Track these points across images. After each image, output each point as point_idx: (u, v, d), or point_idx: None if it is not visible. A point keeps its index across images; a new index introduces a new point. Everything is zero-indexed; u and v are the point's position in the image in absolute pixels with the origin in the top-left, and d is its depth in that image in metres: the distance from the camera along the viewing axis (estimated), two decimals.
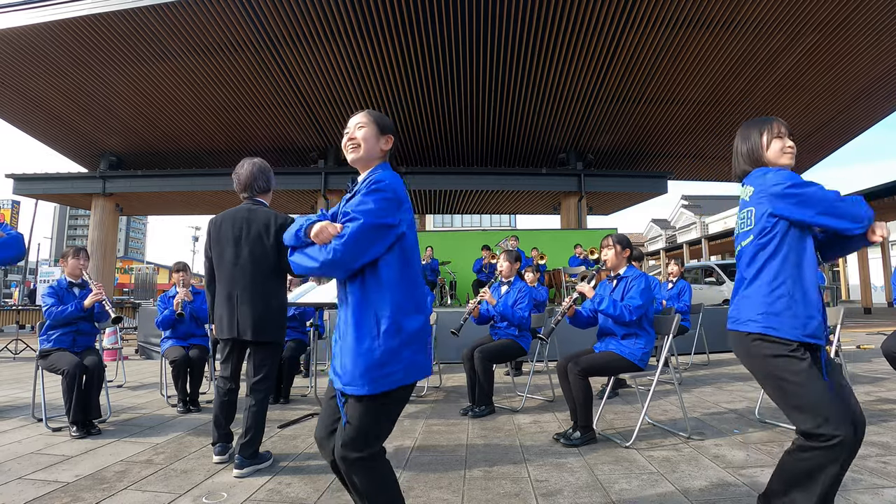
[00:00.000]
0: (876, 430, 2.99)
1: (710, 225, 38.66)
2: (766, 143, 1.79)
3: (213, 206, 16.75)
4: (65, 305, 3.49)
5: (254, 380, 2.65)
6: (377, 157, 1.64)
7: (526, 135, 14.34)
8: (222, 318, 2.68)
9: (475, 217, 50.62)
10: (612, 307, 2.98)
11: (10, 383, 5.49)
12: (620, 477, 2.35)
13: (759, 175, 1.75)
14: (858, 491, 2.09)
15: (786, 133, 1.78)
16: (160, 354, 4.41)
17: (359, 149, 1.62)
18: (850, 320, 12.06)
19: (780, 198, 1.64)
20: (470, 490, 2.24)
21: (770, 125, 1.81)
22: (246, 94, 11.96)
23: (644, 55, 10.39)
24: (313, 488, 2.30)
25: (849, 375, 3.79)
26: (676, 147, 15.14)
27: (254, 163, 2.87)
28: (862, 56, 10.36)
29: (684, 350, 6.19)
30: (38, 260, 37.73)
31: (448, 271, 10.62)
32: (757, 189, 1.72)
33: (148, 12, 9.04)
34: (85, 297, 3.57)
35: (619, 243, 3.19)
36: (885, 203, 16.66)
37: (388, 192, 1.49)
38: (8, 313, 9.75)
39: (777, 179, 1.66)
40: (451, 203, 18.58)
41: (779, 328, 1.64)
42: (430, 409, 3.99)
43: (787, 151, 1.78)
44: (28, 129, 14.02)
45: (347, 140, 1.64)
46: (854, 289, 24.34)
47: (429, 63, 10.78)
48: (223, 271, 2.71)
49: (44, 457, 2.80)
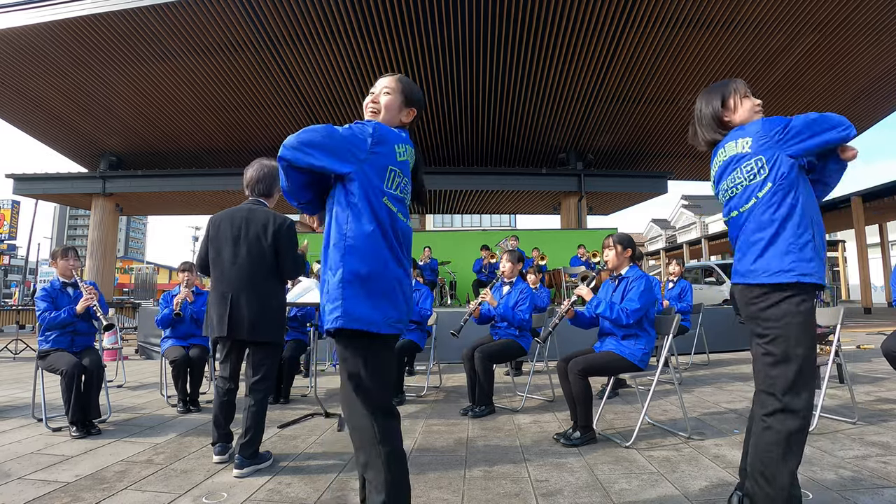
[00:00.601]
0: (876, 430, 2.99)
1: (710, 225, 38.66)
2: (735, 105, 1.81)
3: (213, 206, 16.75)
4: (58, 311, 3.45)
5: (253, 380, 2.65)
6: (395, 126, 1.62)
7: (526, 135, 14.34)
8: (213, 317, 2.68)
9: (475, 217, 50.64)
10: (609, 310, 2.97)
11: (10, 383, 5.49)
12: (620, 477, 2.35)
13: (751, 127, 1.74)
14: (858, 491, 2.09)
15: (749, 92, 1.82)
16: (160, 354, 4.41)
17: (377, 114, 1.60)
18: (850, 320, 12.06)
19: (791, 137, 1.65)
20: (470, 490, 2.23)
21: (735, 85, 1.83)
22: (246, 94, 11.97)
23: (644, 55, 10.39)
24: (313, 488, 2.30)
25: (849, 375, 3.79)
26: (676, 147, 15.14)
27: (262, 165, 2.86)
28: (862, 56, 10.36)
29: (684, 350, 6.19)
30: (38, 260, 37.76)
31: (448, 271, 10.62)
32: (756, 138, 1.71)
33: (148, 12, 9.04)
34: (78, 299, 3.53)
35: (619, 243, 3.17)
36: (885, 203, 16.67)
37: (367, 126, 1.52)
38: (8, 313, 9.76)
39: (773, 126, 1.68)
40: (451, 203, 18.59)
41: (812, 273, 1.63)
42: (430, 409, 3.99)
43: (757, 110, 1.81)
44: (28, 129, 14.03)
45: (370, 101, 1.62)
46: (854, 289, 24.35)
47: (429, 63, 10.78)
48: (220, 271, 2.70)
49: (44, 457, 2.80)
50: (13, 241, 34.78)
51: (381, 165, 1.52)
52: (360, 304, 1.47)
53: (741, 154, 1.75)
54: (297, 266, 2.78)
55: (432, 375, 5.09)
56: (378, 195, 1.51)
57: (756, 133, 1.71)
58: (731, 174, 1.78)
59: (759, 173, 1.70)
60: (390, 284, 1.53)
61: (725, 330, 7.04)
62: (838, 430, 3.02)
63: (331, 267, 1.51)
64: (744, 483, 1.76)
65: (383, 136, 1.53)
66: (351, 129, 1.51)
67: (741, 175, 1.75)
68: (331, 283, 1.50)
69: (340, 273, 1.48)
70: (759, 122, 1.73)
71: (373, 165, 1.51)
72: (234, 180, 13.56)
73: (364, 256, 1.49)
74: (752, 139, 1.71)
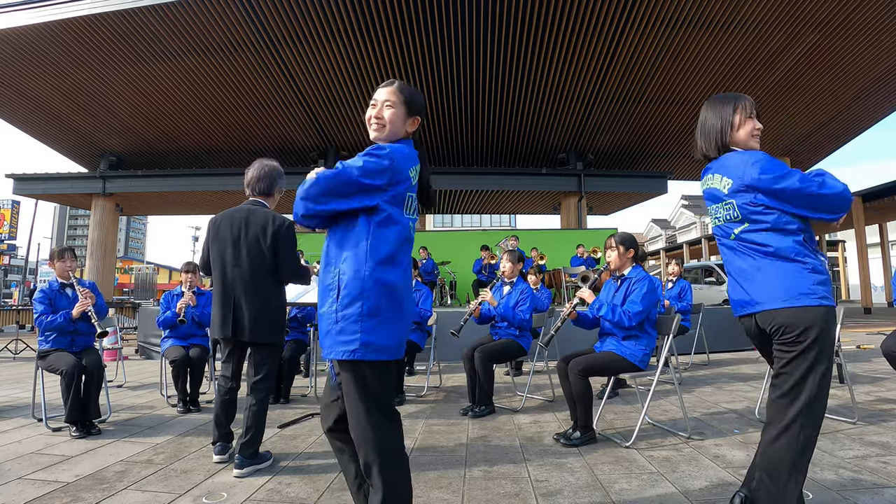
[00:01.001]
0: (876, 430, 2.99)
1: (710, 225, 38.61)
2: (739, 123, 1.76)
3: (213, 206, 16.76)
4: (54, 315, 3.45)
5: (254, 379, 2.65)
6: (400, 137, 1.60)
7: (526, 135, 14.35)
8: (215, 318, 2.68)
9: (475, 217, 50.67)
10: (611, 313, 2.95)
11: (10, 383, 5.49)
12: (620, 477, 2.35)
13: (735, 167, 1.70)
14: (858, 491, 2.09)
15: (755, 113, 1.77)
16: (160, 354, 4.41)
17: (383, 129, 1.57)
18: (850, 320, 12.06)
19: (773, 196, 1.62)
20: (470, 490, 2.23)
21: (743, 103, 1.77)
22: (246, 94, 11.97)
23: (644, 55, 10.39)
24: (313, 488, 2.30)
25: (849, 375, 3.79)
26: (676, 147, 15.15)
27: (263, 165, 2.85)
28: (862, 56, 10.36)
29: (684, 350, 6.19)
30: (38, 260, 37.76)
31: (448, 271, 10.62)
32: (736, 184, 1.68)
33: (148, 12, 9.04)
34: (76, 300, 3.51)
35: (622, 244, 3.14)
36: (885, 203, 16.68)
37: (384, 160, 1.47)
38: (8, 313, 9.78)
39: (760, 183, 1.62)
40: (451, 203, 18.59)
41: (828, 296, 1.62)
42: (430, 409, 3.99)
43: (755, 134, 1.76)
44: (28, 129, 14.03)
45: (373, 117, 1.58)
46: (854, 289, 24.35)
47: (429, 63, 10.78)
48: (221, 272, 2.70)
49: (44, 457, 2.80)
50: (13, 241, 34.79)
51: (402, 194, 1.52)
52: (382, 334, 1.46)
53: (721, 192, 1.74)
54: (296, 268, 2.77)
55: (432, 375, 5.09)
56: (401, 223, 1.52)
57: (738, 177, 1.67)
58: (713, 204, 1.80)
59: (734, 217, 1.72)
60: (407, 311, 1.55)
61: (725, 330, 7.04)
62: (838, 430, 3.02)
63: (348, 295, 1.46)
64: (747, 483, 1.76)
65: (400, 166, 1.50)
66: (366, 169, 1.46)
67: (721, 211, 1.77)
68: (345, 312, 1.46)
69: (360, 305, 1.45)
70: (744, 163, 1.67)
71: (395, 197, 1.50)
72: (234, 180, 13.57)
73: (387, 287, 1.47)
74: (733, 182, 1.69)
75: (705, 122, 1.83)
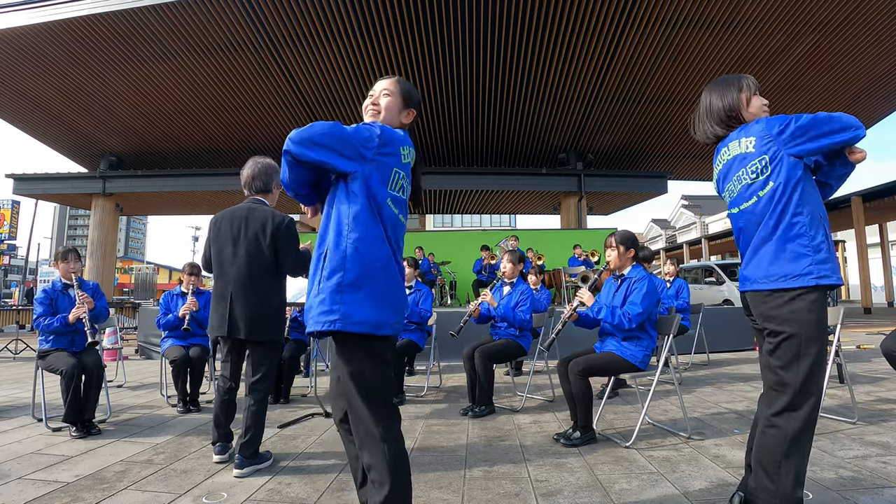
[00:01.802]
0: (876, 430, 2.99)
1: (710, 225, 38.67)
2: (747, 100, 1.79)
3: (213, 206, 16.76)
4: (52, 318, 3.44)
5: (252, 379, 2.64)
6: (395, 127, 1.63)
7: (526, 135, 14.35)
8: (214, 317, 2.69)
9: (475, 217, 50.64)
10: (611, 315, 2.93)
11: (10, 383, 5.49)
12: (620, 477, 2.35)
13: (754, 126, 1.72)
14: (858, 491, 2.09)
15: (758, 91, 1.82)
16: (160, 354, 4.41)
17: (378, 115, 1.62)
18: (850, 320, 12.06)
19: (794, 136, 1.63)
20: (470, 490, 2.23)
21: (747, 82, 1.80)
22: (246, 94, 11.97)
23: (644, 55, 10.39)
24: (313, 488, 2.30)
25: (849, 375, 3.79)
26: (676, 147, 15.14)
27: (256, 163, 2.87)
28: (862, 56, 10.36)
29: (684, 350, 6.19)
30: (38, 260, 37.79)
31: (448, 271, 10.62)
32: (760, 137, 1.69)
33: (148, 12, 9.04)
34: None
35: (622, 244, 3.10)
36: (885, 203, 16.67)
37: (375, 128, 1.52)
38: (8, 313, 9.78)
39: (777, 124, 1.65)
40: (451, 203, 18.59)
41: (829, 275, 1.62)
42: (430, 409, 3.99)
43: (765, 110, 1.80)
44: (28, 129, 14.03)
45: (370, 103, 1.64)
46: (854, 289, 24.32)
47: (429, 63, 10.78)
48: (221, 270, 2.71)
49: (44, 457, 2.80)
50: (13, 241, 34.83)
51: (388, 167, 1.53)
52: (362, 307, 1.46)
53: (745, 154, 1.73)
54: (301, 262, 2.77)
55: (432, 375, 5.09)
56: (383, 197, 1.52)
57: (759, 132, 1.69)
58: (736, 173, 1.77)
59: (762, 172, 1.68)
60: (392, 287, 1.53)
61: (725, 330, 7.04)
62: (838, 430, 3.02)
63: (328, 267, 1.49)
64: (745, 482, 1.76)
65: (390, 138, 1.54)
66: (358, 129, 1.50)
67: (745, 175, 1.74)
68: (326, 284, 1.48)
69: (341, 275, 1.47)
70: (763, 120, 1.71)
71: (379, 167, 1.51)
72: (234, 180, 13.50)
73: (367, 260, 1.48)
74: (756, 138, 1.70)
75: (710, 105, 1.84)
